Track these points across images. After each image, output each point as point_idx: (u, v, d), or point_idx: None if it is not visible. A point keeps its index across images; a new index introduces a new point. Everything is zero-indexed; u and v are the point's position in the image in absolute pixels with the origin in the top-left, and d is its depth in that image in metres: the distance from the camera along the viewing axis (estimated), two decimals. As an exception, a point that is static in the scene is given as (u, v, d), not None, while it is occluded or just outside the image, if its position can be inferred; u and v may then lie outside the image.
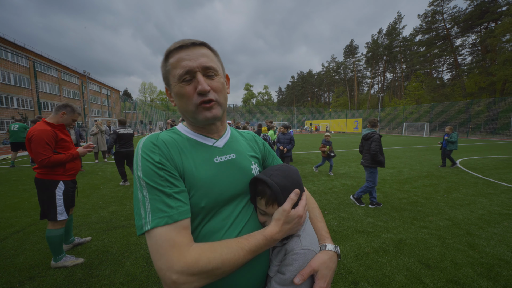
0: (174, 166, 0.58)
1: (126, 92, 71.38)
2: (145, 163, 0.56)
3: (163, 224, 0.50)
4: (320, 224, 0.73)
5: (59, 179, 2.11)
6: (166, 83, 0.66)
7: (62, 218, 2.10)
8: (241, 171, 0.68)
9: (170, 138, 0.63)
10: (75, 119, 2.29)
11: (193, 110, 0.61)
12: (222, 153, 0.68)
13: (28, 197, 4.26)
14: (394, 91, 56.20)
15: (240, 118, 47.17)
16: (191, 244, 0.51)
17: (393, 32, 51.30)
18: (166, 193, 0.53)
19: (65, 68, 33.39)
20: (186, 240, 0.50)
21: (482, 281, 2.00)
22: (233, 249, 0.51)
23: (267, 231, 0.57)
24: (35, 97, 21.38)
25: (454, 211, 3.62)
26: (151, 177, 0.54)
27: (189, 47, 0.61)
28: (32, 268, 2.16)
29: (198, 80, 0.59)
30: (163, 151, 0.59)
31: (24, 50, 26.07)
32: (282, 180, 0.62)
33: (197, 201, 0.58)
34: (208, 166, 0.63)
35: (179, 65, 0.59)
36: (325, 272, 0.60)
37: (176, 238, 0.49)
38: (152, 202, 0.52)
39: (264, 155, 0.84)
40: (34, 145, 1.96)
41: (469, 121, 28.56)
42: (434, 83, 41.23)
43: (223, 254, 0.50)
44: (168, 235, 0.49)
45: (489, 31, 33.11)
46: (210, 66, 0.61)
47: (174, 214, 0.52)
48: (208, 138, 0.69)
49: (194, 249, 0.49)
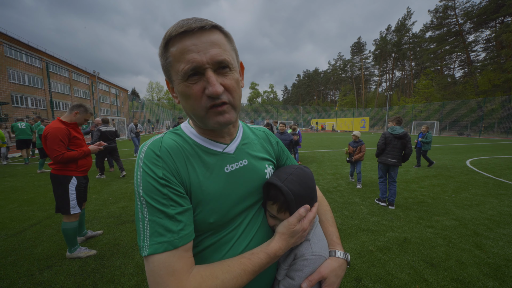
0: (180, 181, 0.51)
1: (134, 91, 72.93)
2: (146, 178, 0.49)
3: (161, 251, 0.45)
4: (332, 228, 0.70)
5: (72, 175, 2.24)
6: (168, 77, 0.54)
7: (75, 211, 2.22)
8: (254, 177, 0.62)
9: (175, 145, 0.55)
10: (87, 118, 2.43)
11: (202, 115, 0.51)
12: (233, 160, 0.60)
13: (43, 192, 4.48)
14: (402, 89, 54.83)
15: (245, 117, 47.28)
16: (191, 270, 0.46)
17: (402, 28, 49.94)
18: (168, 214, 0.47)
19: (76, 68, 34.39)
20: (186, 267, 0.46)
21: (488, 281, 1.98)
22: (236, 274, 0.47)
23: (271, 247, 0.53)
24: (48, 97, 22.17)
25: (462, 211, 3.55)
26: (152, 195, 0.48)
27: (196, 33, 0.47)
28: (49, 258, 2.29)
29: (208, 79, 0.47)
30: (167, 163, 0.51)
31: (37, 51, 27.04)
32: (297, 188, 0.58)
33: (205, 217, 0.53)
34: (218, 177, 0.56)
35: (183, 58, 0.46)
36: (334, 280, 0.58)
37: (175, 265, 0.44)
38: (151, 224, 0.46)
39: (278, 155, 0.76)
40: (50, 142, 2.09)
41: (482, 120, 27.54)
42: (445, 81, 39.91)
43: (225, 281, 0.46)
44: (166, 262, 0.44)
45: (504, 25, 31.71)
46: (224, 60, 0.48)
47: (174, 239, 0.46)
48: (218, 144, 0.60)
49: (194, 277, 0.45)
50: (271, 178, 0.62)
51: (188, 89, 0.48)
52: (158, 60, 0.54)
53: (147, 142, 0.55)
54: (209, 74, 0.47)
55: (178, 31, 0.46)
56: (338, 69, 68.73)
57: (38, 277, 2.00)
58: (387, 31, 53.56)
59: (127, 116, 37.51)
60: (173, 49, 0.47)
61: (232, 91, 0.51)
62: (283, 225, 0.57)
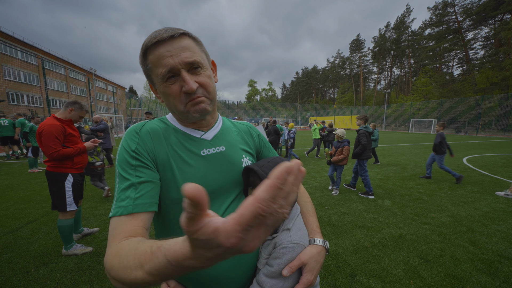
0: (152, 157, 0.58)
1: (131, 89, 72.14)
2: (122, 150, 0.57)
3: (118, 215, 0.50)
4: (312, 218, 0.73)
5: (68, 172, 2.22)
6: (150, 81, 0.62)
7: (72, 209, 2.21)
8: (230, 164, 0.67)
9: (156, 127, 0.63)
10: (82, 115, 2.39)
11: (182, 109, 0.59)
12: (210, 146, 0.66)
13: (39, 190, 4.45)
14: (401, 87, 54.88)
15: (244, 114, 47.17)
16: (127, 237, 0.46)
17: (401, 26, 49.75)
18: (132, 182, 0.53)
19: (72, 65, 33.97)
20: (123, 234, 0.47)
21: (481, 276, 2.01)
22: (129, 265, 0.38)
23: (171, 252, 0.31)
24: (44, 94, 21.94)
25: (457, 208, 3.59)
26: (122, 166, 0.55)
27: (168, 41, 0.54)
28: (45, 255, 2.29)
29: (183, 78, 0.55)
30: (144, 140, 0.58)
31: (32, 48, 26.64)
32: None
33: (180, 194, 0.57)
34: (194, 159, 0.62)
35: (160, 63, 0.54)
36: (313, 266, 0.61)
37: (117, 230, 0.48)
38: (119, 191, 0.53)
39: (259, 148, 0.81)
40: (45, 139, 2.06)
41: (479, 117, 27.69)
42: (443, 79, 39.96)
43: (121, 266, 0.39)
44: (115, 224, 0.49)
45: (503, 23, 31.68)
46: (194, 61, 0.56)
47: (129, 205, 0.50)
48: (196, 131, 0.67)
49: (115, 247, 0.44)
50: (249, 165, 0.66)
51: (168, 89, 0.57)
52: None
53: (133, 125, 0.62)
54: (184, 74, 0.55)
55: (152, 42, 0.54)
56: (337, 67, 68.52)
57: (33, 274, 2.00)
58: (386, 28, 53.33)
59: (124, 114, 37.24)
60: (151, 57, 0.55)
61: (206, 86, 0.59)
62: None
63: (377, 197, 4.11)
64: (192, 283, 0.62)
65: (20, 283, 1.89)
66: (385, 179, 5.32)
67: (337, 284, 1.92)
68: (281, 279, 0.59)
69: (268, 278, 0.59)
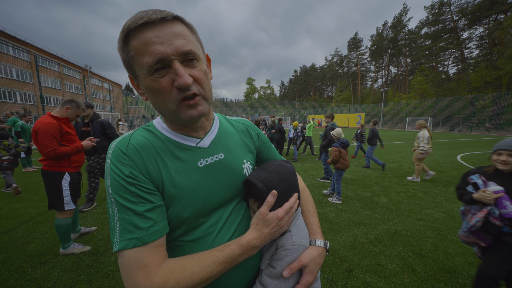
0: (148, 178, 0.51)
1: (128, 86, 71.20)
2: (113, 176, 0.48)
3: (131, 247, 0.45)
4: (313, 219, 0.72)
5: (65, 171, 2.20)
6: (131, 72, 0.50)
7: (70, 208, 2.20)
8: (230, 173, 0.62)
9: (144, 141, 0.53)
10: (78, 114, 2.37)
11: (174, 109, 0.49)
12: (207, 155, 0.59)
13: (35, 189, 4.40)
14: (398, 86, 55.35)
15: (242, 112, 47.03)
16: (161, 264, 0.47)
17: (399, 24, 50.01)
18: (136, 212, 0.47)
19: (67, 62, 33.34)
20: (156, 261, 0.46)
21: (472, 269, 2.07)
22: (205, 266, 0.48)
23: (243, 238, 0.54)
24: (38, 91, 21.51)
25: (451, 204, 3.67)
26: (120, 193, 0.47)
27: (157, 24, 0.44)
28: (42, 255, 2.28)
29: (176, 70, 0.46)
30: (134, 161, 0.50)
31: (25, 44, 26.03)
32: (276, 186, 0.59)
33: (179, 212, 0.53)
34: (191, 172, 0.55)
35: (146, 50, 0.44)
36: (313, 267, 0.61)
37: (144, 260, 0.45)
38: (121, 221, 0.47)
39: (258, 148, 0.76)
40: (41, 137, 2.04)
41: (474, 116, 28.15)
42: (439, 77, 40.44)
43: (193, 273, 0.46)
44: (136, 256, 0.45)
45: (497, 23, 32.09)
46: (190, 51, 0.47)
47: (143, 236, 0.46)
48: (191, 138, 0.59)
49: (162, 271, 0.46)
50: (251, 176, 0.60)
51: (156, 83, 0.46)
52: None
53: (116, 140, 0.53)
54: (176, 65, 0.46)
55: (137, 23, 0.44)
56: (335, 65, 68.68)
57: (30, 274, 1.98)
58: (384, 27, 53.55)
59: (121, 111, 36.83)
60: (134, 42, 0.45)
61: (201, 82, 0.50)
62: (255, 216, 0.58)
63: (373, 194, 4.17)
64: None
65: (16, 283, 1.88)
66: (382, 177, 5.40)
67: (334, 279, 1.96)
68: (283, 279, 0.60)
69: (270, 279, 0.60)
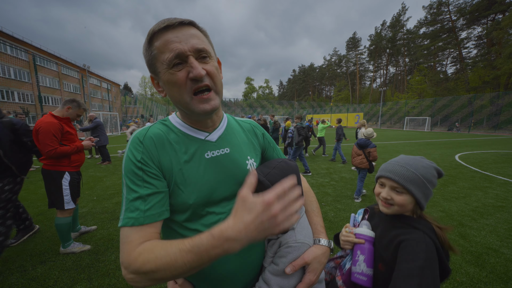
0: (158, 165, 0.56)
1: (126, 86, 71.03)
2: (127, 160, 0.55)
3: (129, 225, 0.51)
4: (317, 218, 0.73)
5: (65, 170, 2.20)
6: (152, 71, 0.58)
7: (70, 207, 2.20)
8: (234, 167, 0.64)
9: (159, 133, 0.60)
10: (80, 114, 2.38)
11: (188, 100, 0.55)
12: (214, 148, 0.64)
13: (34, 189, 4.39)
14: (396, 85, 55.53)
15: (240, 112, 46.98)
16: (141, 244, 0.50)
17: (397, 24, 50.14)
18: (140, 194, 0.53)
19: (65, 61, 33.17)
20: (141, 239, 0.50)
21: (470, 267, 2.10)
22: (171, 252, 0.45)
23: (217, 227, 0.45)
24: (36, 91, 21.41)
25: (449, 203, 3.70)
26: (129, 176, 0.54)
27: (176, 27, 0.53)
28: (42, 254, 2.28)
29: (191, 64, 0.52)
30: (148, 149, 0.56)
31: (23, 43, 25.86)
32: (279, 181, 0.53)
33: (185, 198, 0.57)
34: (198, 162, 0.60)
35: (167, 48, 0.52)
36: (316, 266, 0.61)
37: (132, 236, 0.50)
38: (127, 201, 0.53)
39: (263, 147, 0.80)
40: (42, 137, 2.04)
41: (472, 115, 28.31)
42: (438, 77, 40.61)
43: (158, 257, 0.45)
44: (127, 233, 0.51)
45: (495, 23, 32.27)
46: (203, 48, 0.55)
47: (141, 217, 0.52)
48: (201, 132, 0.64)
49: (138, 248, 0.49)
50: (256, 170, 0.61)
51: (173, 76, 0.53)
52: None
53: (136, 130, 0.62)
54: (192, 60, 0.53)
55: (160, 26, 0.52)
56: (333, 65, 68.78)
57: (31, 273, 1.99)
58: (382, 26, 53.66)
59: (119, 111, 36.69)
60: (157, 43, 0.53)
61: (213, 76, 0.57)
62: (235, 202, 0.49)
63: (372, 193, 4.20)
64: (201, 280, 0.63)
65: (17, 282, 1.88)
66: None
67: (333, 278, 1.98)
68: (286, 277, 0.60)
69: (273, 276, 0.61)
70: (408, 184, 0.71)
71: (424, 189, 0.72)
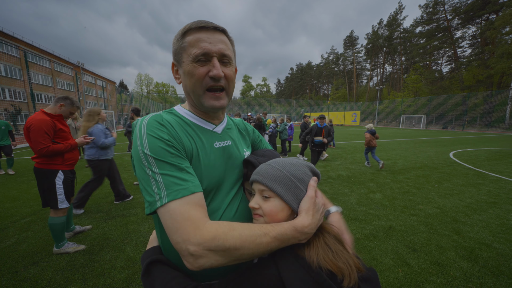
0: (181, 146, 0.58)
1: (122, 83, 69.83)
2: (152, 140, 0.54)
3: (180, 197, 0.49)
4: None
5: (58, 169, 2.15)
6: (176, 59, 0.64)
7: (63, 206, 2.15)
8: (236, 158, 0.71)
9: (173, 120, 0.63)
10: (73, 112, 2.32)
11: (201, 94, 0.61)
12: (220, 139, 0.70)
13: (26, 188, 4.30)
14: (393, 84, 56.00)
15: (238, 110, 46.82)
16: (207, 219, 0.50)
17: (394, 23, 50.39)
18: (179, 167, 0.53)
19: (58, 58, 32.45)
20: (201, 215, 0.50)
21: (463, 262, 2.14)
22: (256, 232, 0.48)
23: (296, 221, 0.52)
24: (28, 88, 20.89)
25: (443, 200, 3.76)
26: (160, 154, 0.52)
27: (210, 30, 0.60)
28: (35, 254, 2.23)
29: (213, 64, 0.59)
30: (169, 130, 0.58)
31: (13, 39, 25.17)
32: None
33: (201, 182, 0.60)
34: (210, 150, 0.65)
35: (197, 45, 0.58)
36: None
37: (191, 212, 0.48)
38: (164, 177, 0.51)
39: (253, 140, 0.90)
40: (33, 134, 1.99)
41: (466, 114, 28.80)
42: (433, 76, 41.09)
43: (243, 235, 0.47)
44: (183, 208, 0.48)
45: (489, 23, 32.71)
46: (227, 55, 0.61)
47: (190, 186, 0.51)
48: (209, 123, 0.70)
49: (211, 224, 0.48)
50: (249, 157, 0.72)
51: (195, 69, 0.59)
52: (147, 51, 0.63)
53: (146, 116, 0.61)
54: (215, 61, 0.60)
55: (197, 25, 0.60)
56: (331, 63, 68.93)
57: (23, 274, 1.95)
58: (379, 25, 53.87)
59: (115, 109, 36.11)
60: (189, 37, 0.59)
61: (229, 79, 0.64)
62: (305, 201, 0.56)
63: (368, 190, 4.24)
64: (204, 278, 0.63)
65: (9, 283, 1.84)
66: (376, 173, 5.48)
67: (330, 274, 1.99)
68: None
69: None
70: (273, 184, 0.57)
71: (295, 190, 0.57)
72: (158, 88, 66.38)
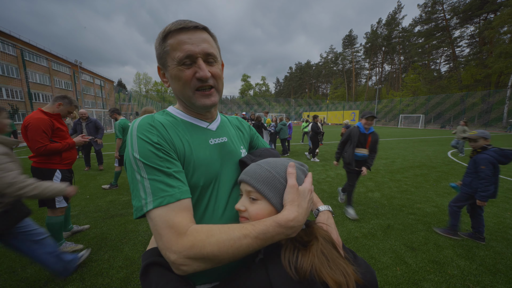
0: (172, 147, 0.58)
1: (120, 82, 69.48)
2: (142, 143, 0.54)
3: (165, 204, 0.49)
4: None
5: (56, 168, 2.14)
6: (161, 64, 0.63)
7: (61, 205, 2.14)
8: (232, 154, 0.71)
9: (166, 120, 0.63)
10: (71, 111, 2.31)
11: (191, 95, 0.61)
12: (216, 136, 0.70)
13: (24, 187, 4.26)
14: (391, 83, 56.15)
15: (237, 109, 46.76)
16: (189, 225, 0.49)
17: (393, 22, 50.46)
18: (166, 172, 0.53)
19: (56, 57, 32.19)
20: (185, 221, 0.49)
21: (460, 261, 2.15)
22: (234, 235, 0.47)
23: (280, 216, 0.49)
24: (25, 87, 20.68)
25: (441, 199, 3.78)
26: (149, 158, 0.53)
27: (191, 30, 0.58)
28: (33, 254, 2.22)
29: (199, 66, 0.58)
30: (160, 132, 0.58)
31: (10, 37, 24.93)
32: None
33: (196, 180, 0.60)
34: (205, 147, 0.65)
35: (179, 48, 0.57)
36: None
37: (174, 219, 0.48)
38: (152, 182, 0.51)
39: (250, 137, 0.89)
40: (31, 133, 1.97)
41: (464, 113, 28.94)
42: (431, 75, 41.22)
43: (220, 240, 0.46)
44: (167, 215, 0.48)
45: (487, 22, 32.86)
46: (212, 53, 0.60)
47: (176, 193, 0.51)
48: (202, 121, 0.70)
49: (191, 232, 0.48)
50: (244, 158, 0.71)
51: (181, 72, 0.59)
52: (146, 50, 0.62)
53: (138, 118, 0.62)
54: (200, 62, 0.59)
55: (177, 27, 0.58)
56: (330, 62, 68.94)
57: (21, 274, 1.94)
58: (378, 24, 53.92)
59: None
60: (171, 40, 0.58)
61: (217, 77, 0.63)
62: (287, 192, 0.53)
63: (367, 189, 4.25)
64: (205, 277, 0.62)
65: (5, 284, 1.83)
66: (375, 173, 5.50)
67: (329, 273, 2.00)
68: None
69: None
70: (261, 185, 0.53)
71: (284, 193, 0.53)
72: (157, 87, 66.04)
